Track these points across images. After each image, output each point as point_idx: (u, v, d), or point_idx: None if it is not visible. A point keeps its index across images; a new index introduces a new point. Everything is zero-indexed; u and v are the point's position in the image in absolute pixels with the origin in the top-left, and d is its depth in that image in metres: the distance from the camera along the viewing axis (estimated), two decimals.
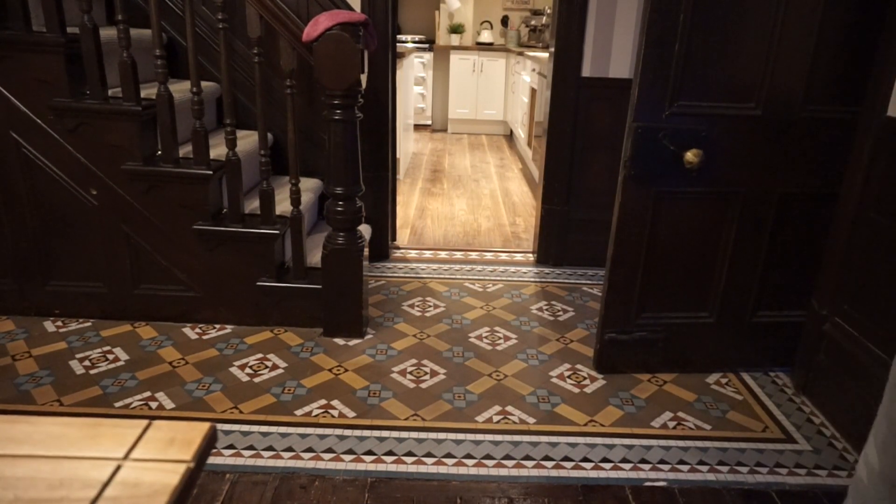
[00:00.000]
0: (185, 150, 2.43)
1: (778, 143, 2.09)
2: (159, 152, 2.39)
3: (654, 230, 2.16)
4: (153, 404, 2.04)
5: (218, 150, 2.45)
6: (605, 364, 2.34)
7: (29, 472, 0.54)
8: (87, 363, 2.25)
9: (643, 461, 1.88)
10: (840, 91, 2.06)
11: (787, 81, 2.03)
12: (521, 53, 6.18)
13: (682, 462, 1.88)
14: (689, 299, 2.29)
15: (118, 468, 0.55)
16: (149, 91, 2.39)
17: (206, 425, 0.60)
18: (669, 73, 1.98)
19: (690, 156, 2.00)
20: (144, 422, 0.60)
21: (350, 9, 2.82)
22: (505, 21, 7.47)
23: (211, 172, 2.37)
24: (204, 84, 2.40)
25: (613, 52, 2.98)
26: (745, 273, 2.25)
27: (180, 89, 2.49)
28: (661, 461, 1.88)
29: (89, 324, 2.51)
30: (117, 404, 2.04)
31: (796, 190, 2.16)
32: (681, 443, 1.97)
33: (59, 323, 2.51)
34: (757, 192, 2.14)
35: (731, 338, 2.34)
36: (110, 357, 2.29)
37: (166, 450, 0.57)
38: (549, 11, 6.92)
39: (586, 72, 3.01)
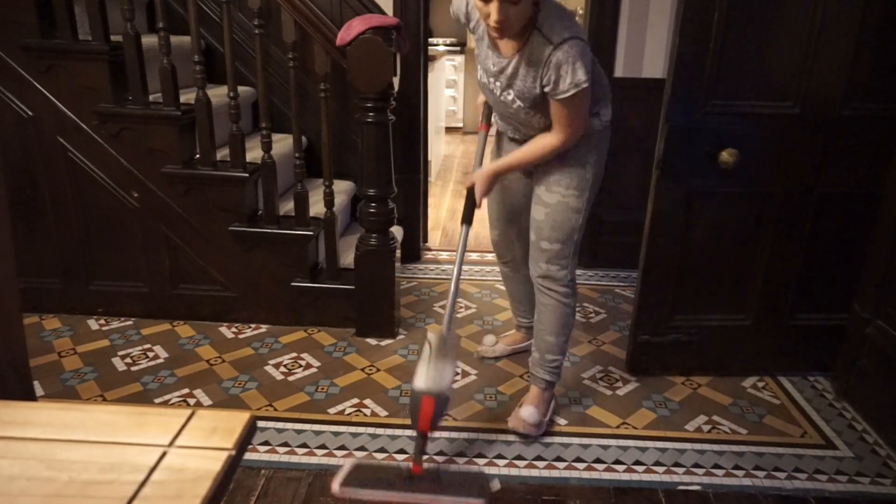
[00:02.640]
0: (223, 154, 2.49)
1: (817, 142, 2.05)
2: (198, 155, 2.46)
3: (687, 231, 2.14)
4: (191, 401, 2.10)
5: (254, 154, 2.50)
6: (637, 366, 2.31)
7: (82, 456, 0.56)
8: (128, 360, 2.32)
9: (677, 465, 1.86)
10: (884, 88, 2.00)
11: (826, 79, 1.98)
12: None
13: (717, 466, 1.85)
14: (724, 301, 2.25)
15: (164, 454, 0.57)
16: (188, 96, 2.46)
17: (247, 415, 0.62)
18: (704, 71, 1.96)
19: (726, 155, 1.97)
20: (188, 411, 0.63)
21: (382, 13, 2.85)
22: None
23: (247, 175, 2.43)
24: (240, 89, 2.45)
25: (646, 51, 2.96)
26: (784, 274, 2.20)
27: (218, 94, 2.55)
28: (696, 465, 1.86)
29: (130, 322, 2.59)
30: (157, 400, 2.10)
31: (837, 189, 2.11)
32: (716, 447, 1.93)
33: (102, 321, 2.59)
34: (795, 192, 2.10)
35: (769, 341, 2.29)
36: (150, 355, 2.36)
37: (209, 438, 0.59)
38: (581, 12, 6.88)
39: (619, 72, 2.98)
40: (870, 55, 1.97)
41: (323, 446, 1.89)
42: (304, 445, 1.89)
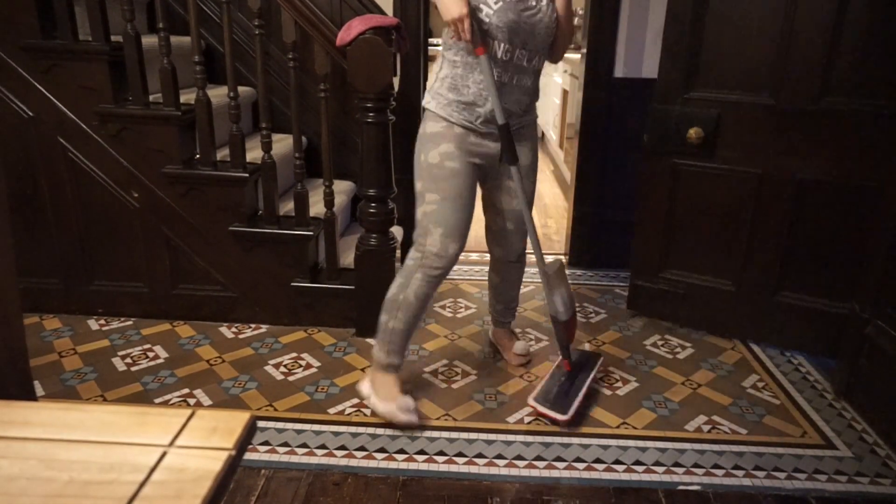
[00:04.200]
0: (223, 154, 2.49)
1: (791, 132, 2.25)
2: (198, 156, 2.46)
3: (672, 199, 2.49)
4: (191, 401, 2.10)
5: (254, 154, 2.50)
6: (635, 305, 2.75)
7: (82, 456, 0.56)
8: (128, 360, 2.32)
9: (676, 465, 1.86)
10: (860, 83, 2.12)
11: (801, 73, 2.17)
12: None
13: (716, 466, 1.85)
14: (709, 265, 2.54)
15: (164, 454, 0.57)
16: (188, 96, 2.46)
17: (247, 415, 0.62)
18: (682, 65, 2.31)
19: (692, 132, 2.34)
20: (188, 411, 0.63)
21: (382, 13, 2.85)
22: None
23: (247, 175, 2.43)
24: (240, 89, 2.45)
25: (646, 51, 2.96)
26: (765, 251, 2.40)
27: (218, 94, 2.56)
28: (696, 465, 1.86)
29: (130, 322, 2.59)
30: (157, 400, 2.10)
31: (816, 178, 2.25)
32: (715, 447, 1.94)
33: (102, 321, 2.59)
34: (773, 175, 2.31)
35: (751, 310, 2.49)
36: (150, 355, 2.36)
37: (209, 438, 0.59)
38: (580, 12, 6.87)
39: (619, 72, 2.98)
40: (848, 50, 2.10)
41: (323, 446, 1.89)
42: (304, 445, 1.89)
